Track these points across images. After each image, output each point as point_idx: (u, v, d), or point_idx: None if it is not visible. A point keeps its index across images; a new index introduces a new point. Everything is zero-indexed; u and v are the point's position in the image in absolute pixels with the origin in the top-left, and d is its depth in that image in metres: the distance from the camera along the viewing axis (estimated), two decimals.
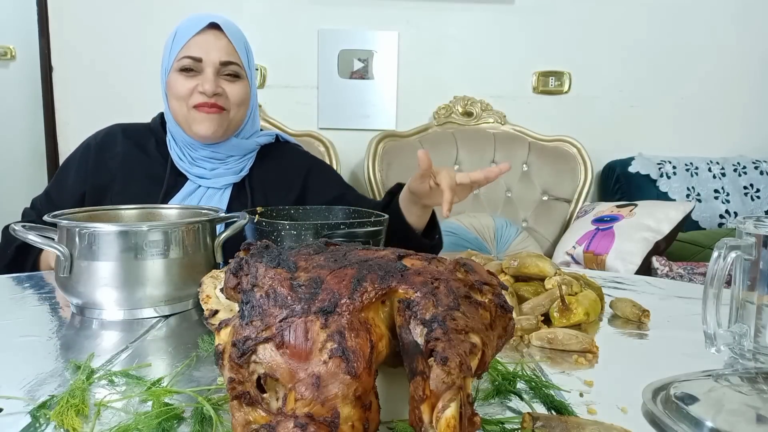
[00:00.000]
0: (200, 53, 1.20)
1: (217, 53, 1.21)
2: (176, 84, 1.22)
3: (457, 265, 0.47)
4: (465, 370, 0.39)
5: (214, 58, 1.21)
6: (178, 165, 1.27)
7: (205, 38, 1.21)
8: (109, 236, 0.83)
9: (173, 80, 1.22)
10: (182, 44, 1.21)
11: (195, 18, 1.23)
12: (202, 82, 1.21)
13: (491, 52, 2.55)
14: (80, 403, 0.53)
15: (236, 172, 1.30)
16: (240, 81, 1.25)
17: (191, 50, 1.20)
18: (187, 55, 1.20)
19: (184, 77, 1.21)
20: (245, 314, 0.43)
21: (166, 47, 1.25)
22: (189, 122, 1.24)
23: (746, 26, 2.61)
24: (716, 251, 0.68)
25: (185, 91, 1.22)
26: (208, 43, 1.21)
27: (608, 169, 2.55)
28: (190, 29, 1.21)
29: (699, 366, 0.65)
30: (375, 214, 1.07)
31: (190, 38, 1.21)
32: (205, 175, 1.27)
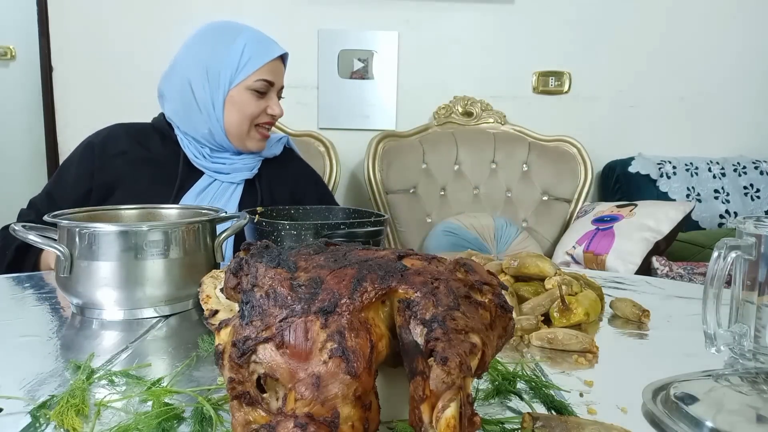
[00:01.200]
0: (273, 78, 1.30)
1: (282, 79, 1.34)
2: (247, 103, 1.29)
3: (457, 265, 0.47)
4: (465, 370, 0.39)
5: (280, 84, 1.34)
6: (195, 162, 1.31)
7: (277, 66, 1.32)
8: (109, 236, 0.83)
9: (243, 98, 1.28)
10: (257, 67, 1.27)
11: (268, 44, 1.31)
12: (271, 105, 1.31)
13: (491, 52, 2.55)
14: (80, 403, 0.53)
15: (250, 168, 1.36)
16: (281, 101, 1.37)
17: (266, 75, 1.29)
18: (262, 78, 1.28)
19: (256, 97, 1.29)
20: (245, 314, 0.43)
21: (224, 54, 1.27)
22: (244, 138, 1.32)
23: (746, 26, 2.61)
24: (716, 251, 0.68)
25: (258, 111, 1.30)
26: (278, 70, 1.33)
27: (608, 169, 2.55)
28: (265, 54, 1.28)
29: (699, 366, 0.65)
30: (375, 214, 1.07)
31: (265, 63, 1.28)
32: (222, 170, 1.33)
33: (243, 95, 1.28)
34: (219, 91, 1.28)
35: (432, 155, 2.42)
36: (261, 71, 1.28)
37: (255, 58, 1.27)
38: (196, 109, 1.29)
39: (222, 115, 1.29)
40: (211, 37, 1.30)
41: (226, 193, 1.31)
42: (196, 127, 1.31)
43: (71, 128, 2.42)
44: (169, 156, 1.31)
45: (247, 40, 1.28)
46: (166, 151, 1.32)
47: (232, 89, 1.27)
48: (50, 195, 1.29)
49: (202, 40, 1.31)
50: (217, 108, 1.28)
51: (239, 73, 1.27)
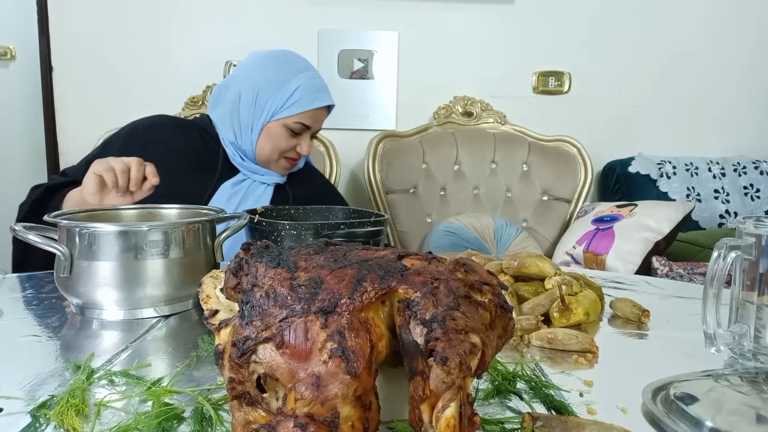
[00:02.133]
0: (311, 124, 1.38)
1: (319, 125, 1.42)
2: (281, 139, 1.37)
3: (457, 265, 0.47)
4: (465, 370, 0.39)
5: (317, 128, 1.42)
6: (233, 160, 1.40)
7: (321, 115, 1.41)
8: (110, 236, 0.83)
9: (278, 132, 1.37)
10: (300, 111, 1.35)
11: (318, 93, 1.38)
12: (302, 145, 1.39)
13: (491, 52, 2.54)
14: (80, 403, 0.53)
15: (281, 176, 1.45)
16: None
17: (307, 121, 1.37)
18: (302, 122, 1.36)
19: (289, 135, 1.37)
20: (245, 314, 0.43)
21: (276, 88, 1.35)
22: (271, 164, 1.42)
23: (746, 26, 2.61)
24: (716, 251, 0.68)
25: (287, 147, 1.38)
26: (319, 118, 1.41)
27: (608, 169, 2.55)
28: (312, 103, 1.36)
29: (699, 366, 0.65)
30: (375, 214, 1.07)
31: (310, 109, 1.36)
32: (258, 171, 1.41)
33: (279, 130, 1.36)
34: (260, 118, 1.37)
35: (432, 155, 2.42)
36: (302, 116, 1.36)
37: (301, 103, 1.35)
38: (237, 125, 1.39)
39: (256, 141, 1.38)
40: (274, 65, 1.37)
41: (257, 191, 1.40)
42: (235, 138, 1.40)
43: (71, 128, 2.42)
44: (210, 150, 1.39)
45: (302, 83, 1.35)
46: (207, 145, 1.40)
47: (271, 122, 1.36)
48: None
49: (264, 64, 1.38)
50: (254, 132, 1.37)
51: (283, 110, 1.35)
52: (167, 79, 2.43)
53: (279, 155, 1.40)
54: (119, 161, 1.08)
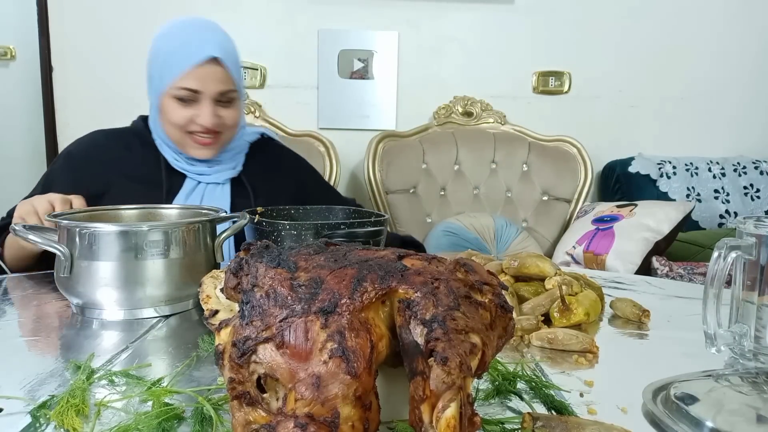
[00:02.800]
0: (199, 86, 1.17)
1: (216, 85, 1.18)
2: (173, 112, 1.20)
3: (457, 265, 0.47)
4: (465, 370, 0.39)
5: (213, 90, 1.18)
6: (175, 165, 1.27)
7: (204, 71, 1.17)
8: (110, 236, 0.83)
9: (168, 106, 1.20)
10: (179, 74, 1.16)
11: (191, 46, 1.18)
12: (199, 114, 1.19)
13: (491, 52, 2.54)
14: (80, 403, 0.53)
15: (232, 167, 1.32)
16: (234, 104, 1.24)
17: (189, 83, 1.17)
18: (184, 86, 1.17)
19: (180, 106, 1.19)
20: (245, 314, 0.43)
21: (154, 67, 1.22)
22: (184, 145, 1.26)
23: (746, 26, 2.61)
24: (716, 251, 0.68)
25: (182, 120, 1.20)
26: (207, 76, 1.18)
27: (608, 169, 2.55)
28: (187, 60, 1.17)
29: (699, 366, 0.65)
30: (375, 214, 1.07)
31: (187, 70, 1.16)
32: (205, 171, 1.28)
33: (169, 104, 1.20)
34: (153, 96, 1.23)
35: (432, 155, 2.42)
36: (183, 79, 1.16)
37: (176, 64, 1.17)
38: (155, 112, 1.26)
39: (160, 123, 1.24)
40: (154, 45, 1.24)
41: (215, 194, 1.27)
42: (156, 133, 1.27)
43: (71, 128, 2.42)
44: (151, 161, 1.27)
45: (174, 44, 1.19)
46: (148, 156, 1.27)
47: (161, 96, 1.20)
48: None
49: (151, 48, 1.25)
50: (155, 111, 1.24)
51: (163, 81, 1.19)
52: None
53: (180, 133, 1.22)
54: (43, 201, 1.02)
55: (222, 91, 1.20)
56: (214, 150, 1.26)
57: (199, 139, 1.23)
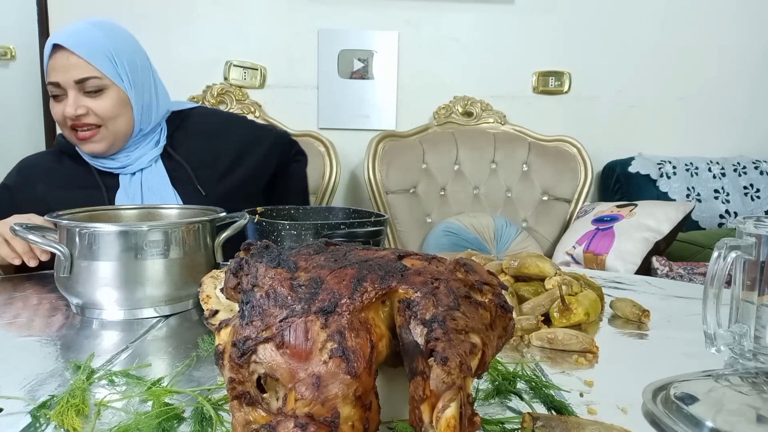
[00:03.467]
0: (57, 77, 1.17)
1: (70, 73, 1.17)
2: (53, 111, 1.21)
3: (457, 265, 0.47)
4: (465, 370, 0.39)
5: (68, 80, 1.17)
6: (102, 167, 1.27)
7: (56, 61, 1.17)
8: (110, 236, 0.83)
9: (51, 107, 1.22)
10: (46, 70, 1.19)
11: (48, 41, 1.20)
12: (67, 106, 1.18)
13: (491, 52, 2.54)
14: (80, 403, 0.53)
15: (154, 145, 1.30)
16: (105, 92, 1.20)
17: (50, 76, 1.18)
18: (49, 81, 1.18)
19: (55, 103, 1.20)
20: (245, 314, 0.43)
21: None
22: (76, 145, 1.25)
23: (746, 26, 2.61)
24: (716, 251, 0.68)
25: (58, 117, 1.21)
26: (58, 66, 1.17)
27: (608, 169, 2.55)
28: (47, 53, 1.19)
29: (699, 366, 0.65)
30: (375, 214, 1.07)
31: (47, 63, 1.18)
32: (129, 162, 1.27)
33: (51, 104, 1.22)
34: None
35: (432, 155, 2.42)
36: (48, 74, 1.18)
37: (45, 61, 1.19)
38: None
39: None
40: None
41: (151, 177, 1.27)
42: None
43: None
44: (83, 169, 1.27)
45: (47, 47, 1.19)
46: (78, 165, 1.28)
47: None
48: None
49: None
50: None
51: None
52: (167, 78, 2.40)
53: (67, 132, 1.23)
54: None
55: (78, 79, 1.17)
56: (102, 144, 1.23)
57: (79, 134, 1.21)
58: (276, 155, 1.49)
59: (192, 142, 1.35)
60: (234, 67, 2.45)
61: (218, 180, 1.33)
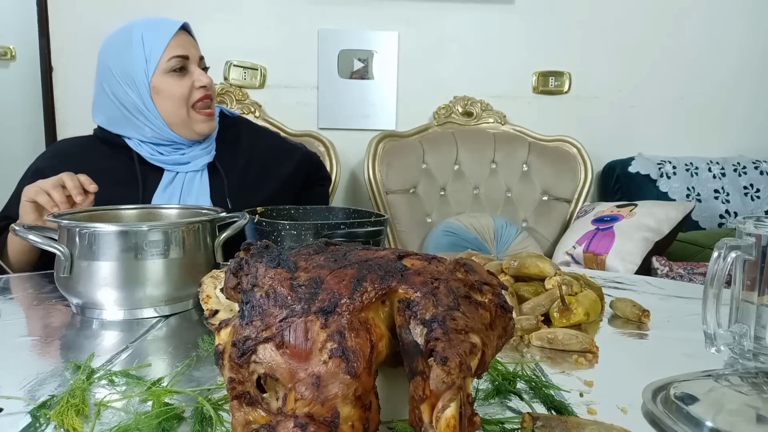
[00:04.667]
0: (184, 51, 1.25)
1: (196, 50, 1.29)
2: (171, 86, 1.25)
3: (457, 265, 0.47)
4: (465, 370, 0.39)
5: (196, 54, 1.28)
6: (153, 160, 1.28)
7: (182, 39, 1.27)
8: (110, 236, 0.83)
9: (166, 83, 1.24)
10: (162, 48, 1.24)
11: (162, 23, 1.27)
12: (197, 78, 1.26)
13: (491, 52, 2.54)
14: (80, 403, 0.53)
15: (209, 151, 1.33)
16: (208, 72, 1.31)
17: (175, 51, 1.24)
18: (173, 55, 1.24)
19: (177, 78, 1.25)
20: (245, 314, 0.43)
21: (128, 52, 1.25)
22: (189, 123, 1.28)
23: (746, 26, 2.61)
24: (716, 251, 0.68)
25: (185, 89, 1.25)
26: (186, 42, 1.27)
27: (608, 169, 2.55)
28: (165, 33, 1.25)
29: (699, 366, 0.65)
30: (375, 214, 1.07)
31: (168, 41, 1.24)
32: (181, 160, 1.30)
33: (164, 81, 1.25)
34: (141, 88, 1.25)
35: (432, 155, 2.42)
36: (169, 50, 1.24)
37: (156, 41, 1.24)
38: (130, 116, 1.27)
39: (156, 111, 1.25)
40: (111, 45, 1.30)
41: (194, 183, 1.29)
42: (139, 131, 1.28)
43: (71, 128, 2.42)
44: (123, 160, 1.28)
45: (142, 29, 1.26)
46: (119, 156, 1.29)
47: (152, 81, 1.24)
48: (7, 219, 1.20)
49: (105, 51, 1.31)
50: (148, 106, 1.25)
51: (150, 62, 1.24)
52: None
53: (186, 106, 1.26)
54: (49, 180, 1.03)
55: (201, 56, 1.30)
56: (213, 121, 1.32)
57: (204, 111, 1.28)
58: (301, 176, 1.51)
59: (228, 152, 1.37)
60: (234, 67, 2.45)
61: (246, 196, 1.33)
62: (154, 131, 1.27)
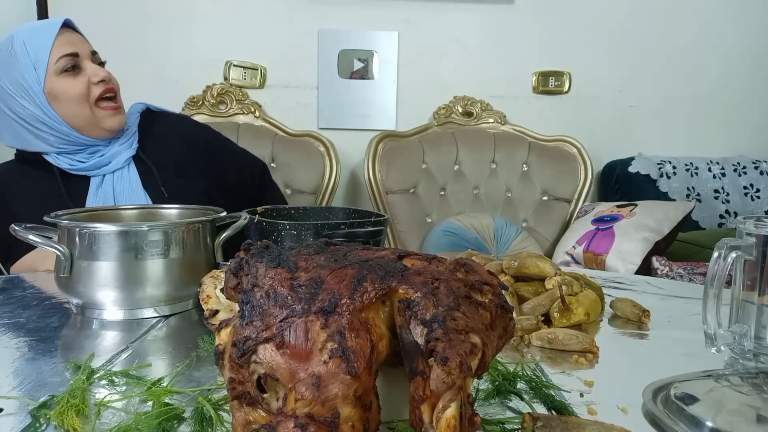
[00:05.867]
0: (72, 48, 1.20)
1: (85, 46, 1.24)
2: (68, 87, 1.20)
3: (457, 265, 0.47)
4: (465, 370, 0.39)
5: (86, 50, 1.23)
6: (73, 170, 1.25)
7: (67, 37, 1.22)
8: (109, 236, 0.83)
9: (60, 85, 1.19)
10: (48, 50, 1.18)
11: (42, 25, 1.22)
12: (92, 74, 1.21)
13: (491, 52, 2.54)
14: (80, 403, 0.53)
15: (129, 145, 1.30)
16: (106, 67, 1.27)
17: (63, 49, 1.19)
18: (62, 54, 1.19)
19: (71, 77, 1.20)
20: (245, 314, 0.43)
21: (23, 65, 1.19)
22: (95, 121, 1.24)
23: (746, 26, 2.61)
24: (716, 251, 0.68)
25: (82, 88, 1.21)
26: (73, 39, 1.22)
27: (608, 169, 2.55)
28: (47, 34, 1.19)
29: (699, 366, 0.65)
30: (375, 214, 1.07)
31: (52, 41, 1.19)
32: (102, 162, 1.26)
33: (58, 84, 1.19)
34: (37, 98, 1.19)
35: (432, 155, 2.42)
36: (55, 51, 1.19)
37: (40, 44, 1.19)
38: (34, 129, 1.22)
39: (58, 117, 1.21)
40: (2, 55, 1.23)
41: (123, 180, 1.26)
42: (48, 142, 1.23)
43: None
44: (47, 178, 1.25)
45: (23, 36, 1.20)
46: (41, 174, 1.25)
47: (45, 87, 1.19)
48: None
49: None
50: (49, 114, 1.20)
51: (39, 68, 1.18)
52: (167, 79, 2.43)
53: (89, 104, 1.21)
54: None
55: (92, 51, 1.25)
56: (122, 115, 1.28)
57: (108, 105, 1.24)
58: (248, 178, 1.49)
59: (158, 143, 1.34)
60: (234, 67, 2.45)
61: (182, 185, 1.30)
62: (62, 138, 1.23)
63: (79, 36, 1.25)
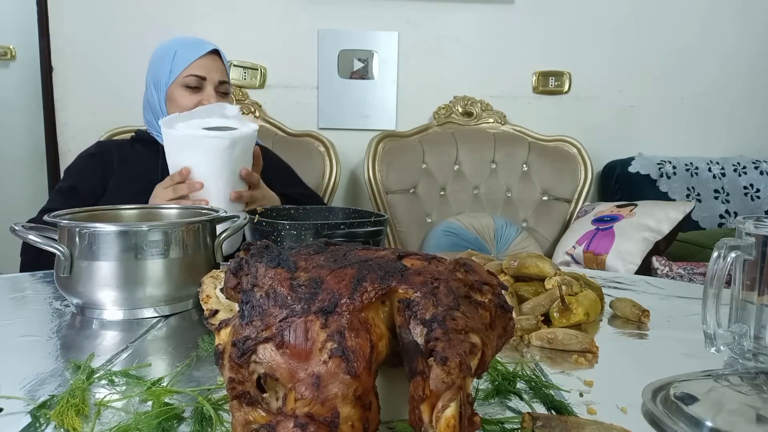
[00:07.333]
0: (203, 73, 1.42)
1: (217, 74, 1.44)
2: (181, 98, 1.41)
3: (457, 265, 0.47)
4: (465, 370, 0.39)
5: (215, 78, 1.43)
6: None
7: (207, 61, 1.43)
8: (109, 236, 0.83)
9: (176, 94, 1.42)
10: (186, 64, 1.41)
11: (196, 42, 1.46)
12: (206, 97, 1.41)
13: (491, 52, 2.54)
14: (80, 403, 0.53)
15: None
16: (228, 98, 1.47)
17: (196, 70, 1.41)
18: (192, 74, 1.41)
19: (188, 93, 1.41)
20: (245, 314, 0.43)
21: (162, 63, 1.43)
22: None
23: (746, 26, 2.61)
24: (716, 251, 0.68)
25: (190, 104, 1.40)
26: (210, 65, 1.43)
27: (608, 169, 2.55)
28: (193, 52, 1.42)
29: (699, 366, 0.65)
30: (375, 214, 1.07)
31: (194, 60, 1.41)
32: None
33: (177, 92, 1.41)
34: (161, 93, 1.44)
35: (432, 155, 2.42)
36: (191, 68, 1.41)
37: (184, 57, 1.41)
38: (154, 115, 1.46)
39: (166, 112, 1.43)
40: (156, 55, 1.47)
41: None
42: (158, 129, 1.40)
43: (71, 128, 2.42)
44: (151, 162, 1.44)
45: (178, 46, 1.44)
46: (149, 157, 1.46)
47: (168, 88, 1.42)
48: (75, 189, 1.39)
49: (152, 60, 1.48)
50: (162, 107, 1.44)
51: (172, 73, 1.42)
52: None
53: None
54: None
55: (221, 80, 1.45)
56: None
57: None
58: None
59: None
60: (234, 67, 2.45)
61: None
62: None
63: (219, 65, 1.45)
